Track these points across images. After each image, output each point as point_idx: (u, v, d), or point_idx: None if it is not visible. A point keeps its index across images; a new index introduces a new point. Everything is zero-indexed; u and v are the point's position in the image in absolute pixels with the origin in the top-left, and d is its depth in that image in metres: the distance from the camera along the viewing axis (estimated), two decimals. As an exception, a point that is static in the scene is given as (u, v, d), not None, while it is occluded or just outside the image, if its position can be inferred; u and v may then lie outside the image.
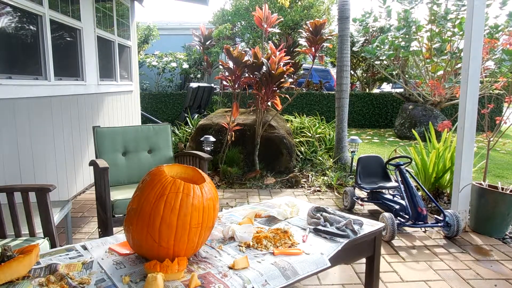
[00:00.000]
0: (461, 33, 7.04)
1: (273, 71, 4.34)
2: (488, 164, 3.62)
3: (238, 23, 10.98)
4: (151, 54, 10.74)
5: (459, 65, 7.20)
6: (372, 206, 3.81)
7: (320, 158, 5.27)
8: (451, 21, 7.15)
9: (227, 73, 4.66)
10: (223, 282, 1.29)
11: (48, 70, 3.55)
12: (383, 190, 3.58)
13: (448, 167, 3.75)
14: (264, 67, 4.38)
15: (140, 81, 8.28)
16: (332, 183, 4.46)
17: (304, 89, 10.17)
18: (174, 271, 1.29)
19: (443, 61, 7.60)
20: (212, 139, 4.56)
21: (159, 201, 1.33)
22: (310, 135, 5.86)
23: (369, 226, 1.86)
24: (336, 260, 1.61)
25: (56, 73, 3.69)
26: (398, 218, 3.13)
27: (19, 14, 3.19)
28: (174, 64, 10.30)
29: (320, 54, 4.83)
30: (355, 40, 9.71)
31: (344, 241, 1.66)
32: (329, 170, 4.90)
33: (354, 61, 11.26)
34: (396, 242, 2.96)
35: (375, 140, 8.06)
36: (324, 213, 1.88)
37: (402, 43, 7.59)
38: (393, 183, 3.56)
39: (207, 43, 10.57)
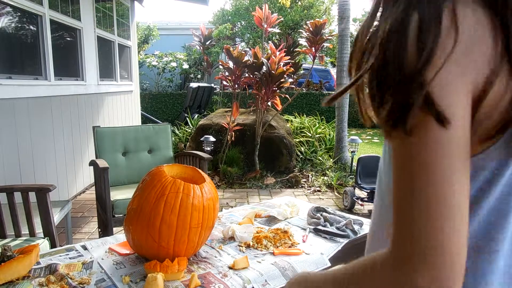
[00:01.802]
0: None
1: (273, 71, 4.34)
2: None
3: (238, 23, 10.97)
4: (151, 54, 10.73)
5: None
6: (372, 206, 3.81)
7: (320, 158, 5.27)
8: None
9: (227, 73, 4.66)
10: (223, 282, 1.29)
11: (48, 70, 3.55)
12: (383, 190, 3.58)
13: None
14: (264, 67, 4.38)
15: (140, 81, 8.28)
16: (332, 183, 4.47)
17: (304, 89, 10.17)
18: (174, 271, 1.29)
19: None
20: (212, 139, 4.56)
21: (159, 201, 1.33)
22: (310, 135, 5.87)
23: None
24: (336, 260, 1.61)
25: (56, 73, 3.69)
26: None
27: (19, 14, 3.19)
28: (174, 64, 10.30)
29: (320, 54, 4.83)
30: (355, 40, 9.70)
31: (344, 241, 1.66)
32: (329, 170, 4.90)
33: (354, 61, 11.23)
34: (396, 242, 2.96)
35: (375, 140, 8.06)
36: (324, 213, 1.88)
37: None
38: (393, 183, 3.55)
39: (207, 43, 10.56)
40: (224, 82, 4.79)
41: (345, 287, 0.51)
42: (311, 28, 4.49)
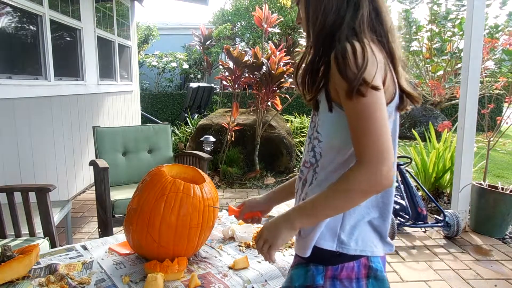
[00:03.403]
0: (461, 33, 7.03)
1: (273, 71, 4.34)
2: (488, 164, 3.62)
3: (238, 23, 10.96)
4: (151, 54, 10.73)
5: (459, 65, 7.19)
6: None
7: (320, 158, 5.26)
8: (451, 21, 7.14)
9: (227, 73, 4.66)
10: (223, 282, 1.29)
11: (48, 70, 3.55)
12: (383, 190, 3.58)
13: (448, 167, 3.75)
14: (264, 67, 4.38)
15: (140, 81, 8.28)
16: (332, 183, 4.46)
17: (304, 89, 10.15)
18: (174, 271, 1.28)
19: (443, 61, 7.59)
20: (212, 139, 4.56)
21: (159, 201, 1.33)
22: (310, 135, 5.87)
23: (369, 226, 1.85)
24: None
25: (56, 73, 3.69)
26: (398, 218, 3.13)
27: (19, 14, 3.19)
28: (174, 64, 10.29)
29: (320, 54, 4.82)
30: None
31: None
32: (329, 170, 4.89)
33: (354, 61, 11.22)
34: (396, 242, 2.96)
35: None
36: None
37: (402, 43, 7.56)
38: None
39: (207, 43, 10.56)
40: (224, 82, 4.78)
41: (323, 204, 0.85)
42: (311, 28, 4.48)
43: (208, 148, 4.52)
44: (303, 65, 0.96)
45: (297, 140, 5.64)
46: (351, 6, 0.87)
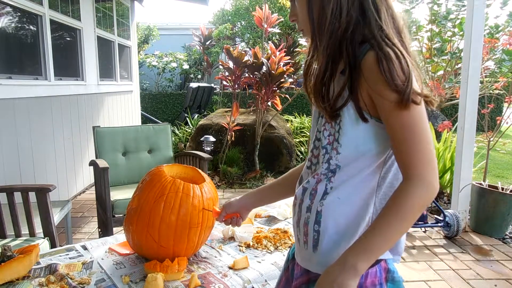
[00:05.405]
0: (461, 33, 7.03)
1: (273, 71, 4.34)
2: (488, 164, 3.62)
3: (238, 23, 10.96)
4: (151, 54, 10.72)
5: (459, 65, 7.19)
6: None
7: (320, 158, 5.26)
8: (451, 21, 7.14)
9: (227, 73, 4.66)
10: (223, 282, 1.29)
11: (48, 70, 3.55)
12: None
13: (448, 167, 3.75)
14: (264, 67, 4.38)
15: (140, 81, 8.28)
16: (332, 183, 4.46)
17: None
18: (174, 271, 1.28)
19: (443, 61, 7.59)
20: (212, 139, 4.56)
21: (158, 201, 1.33)
22: (310, 135, 5.87)
23: (369, 226, 1.85)
24: (336, 260, 1.60)
25: (56, 73, 3.69)
26: (398, 218, 3.12)
27: (19, 14, 3.19)
28: (174, 64, 10.29)
29: (320, 54, 4.82)
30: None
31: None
32: (329, 170, 4.89)
33: (354, 61, 11.22)
34: (396, 242, 2.96)
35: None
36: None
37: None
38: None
39: (207, 43, 10.56)
40: (224, 82, 4.79)
41: (382, 237, 0.75)
42: (311, 28, 4.47)
43: (208, 148, 4.52)
44: (312, 73, 0.86)
45: (297, 140, 5.64)
46: (369, 3, 0.78)
